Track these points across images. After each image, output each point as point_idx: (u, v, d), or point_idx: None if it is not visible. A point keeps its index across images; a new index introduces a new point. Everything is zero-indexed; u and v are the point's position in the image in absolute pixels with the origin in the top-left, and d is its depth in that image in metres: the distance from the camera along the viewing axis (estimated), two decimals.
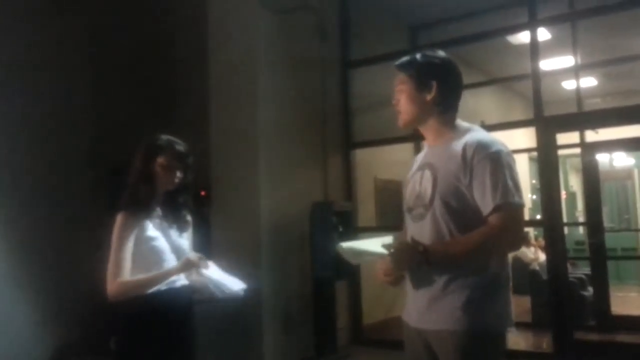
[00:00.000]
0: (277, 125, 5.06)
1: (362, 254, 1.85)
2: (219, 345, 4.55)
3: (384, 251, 1.78)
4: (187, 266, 2.25)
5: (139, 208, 2.26)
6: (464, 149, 1.76)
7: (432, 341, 1.79)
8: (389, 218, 6.61)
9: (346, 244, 1.90)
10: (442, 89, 1.86)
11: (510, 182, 1.71)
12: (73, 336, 5.20)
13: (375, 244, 1.83)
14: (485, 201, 1.71)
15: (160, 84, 5.98)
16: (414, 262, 1.75)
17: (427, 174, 1.85)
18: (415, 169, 1.96)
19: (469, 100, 1.97)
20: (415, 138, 6.08)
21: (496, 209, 1.69)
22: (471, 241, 1.71)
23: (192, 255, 2.30)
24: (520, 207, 1.73)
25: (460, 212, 1.75)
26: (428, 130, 1.92)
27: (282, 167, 5.05)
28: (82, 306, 4.96)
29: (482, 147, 1.75)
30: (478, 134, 1.84)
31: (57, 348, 5.21)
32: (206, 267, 2.26)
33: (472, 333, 1.70)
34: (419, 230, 1.83)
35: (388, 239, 1.88)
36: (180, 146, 2.37)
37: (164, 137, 2.38)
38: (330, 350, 5.00)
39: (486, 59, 7.51)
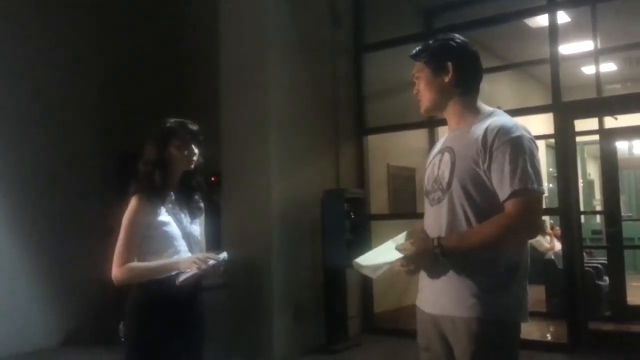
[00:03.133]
0: (289, 111, 5.00)
1: (380, 266, 1.79)
2: (229, 334, 4.55)
3: (399, 255, 1.75)
4: (194, 265, 2.14)
5: (154, 193, 2.22)
6: (485, 133, 1.73)
7: (446, 327, 1.77)
8: (402, 205, 6.54)
9: (361, 259, 1.84)
10: (459, 70, 1.84)
11: (530, 169, 1.67)
12: (83, 322, 5.24)
13: (389, 250, 1.79)
14: (503, 186, 1.68)
15: (170, 70, 5.95)
16: (431, 259, 1.73)
17: (446, 157, 1.83)
18: (434, 152, 1.94)
19: (484, 85, 1.93)
20: (429, 124, 6.00)
21: (513, 195, 1.65)
22: (487, 231, 1.68)
23: (202, 255, 2.19)
24: (538, 194, 1.69)
25: (478, 196, 1.73)
26: (450, 114, 1.90)
27: (294, 154, 5.00)
28: (92, 292, 5.00)
29: (503, 132, 1.71)
30: (500, 118, 1.80)
31: (67, 334, 5.27)
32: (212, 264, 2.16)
33: (485, 321, 1.68)
34: (436, 213, 1.81)
35: (401, 237, 1.85)
36: (192, 125, 2.34)
37: (173, 120, 2.34)
38: (342, 339, 4.98)
39: (503, 43, 7.36)
